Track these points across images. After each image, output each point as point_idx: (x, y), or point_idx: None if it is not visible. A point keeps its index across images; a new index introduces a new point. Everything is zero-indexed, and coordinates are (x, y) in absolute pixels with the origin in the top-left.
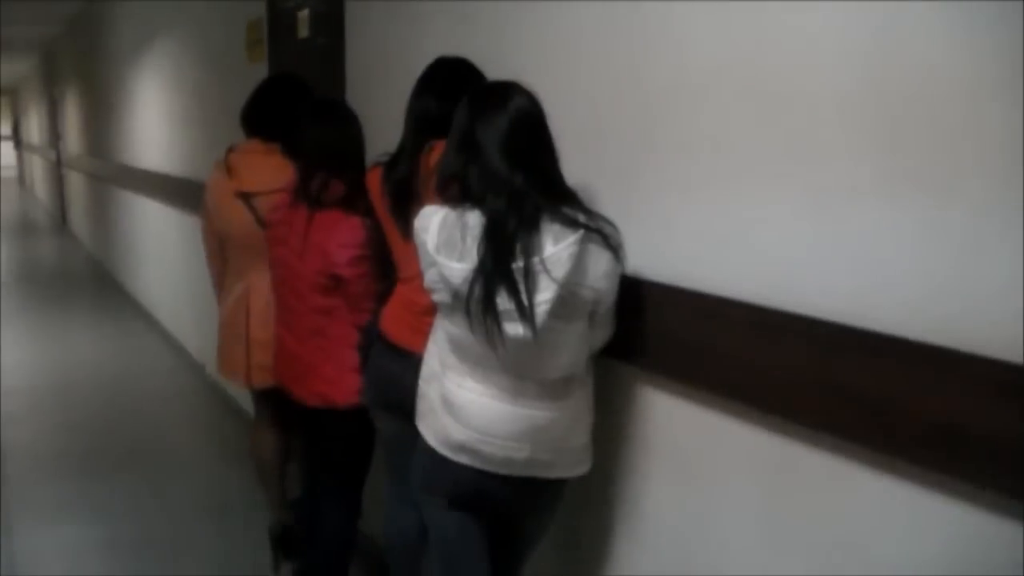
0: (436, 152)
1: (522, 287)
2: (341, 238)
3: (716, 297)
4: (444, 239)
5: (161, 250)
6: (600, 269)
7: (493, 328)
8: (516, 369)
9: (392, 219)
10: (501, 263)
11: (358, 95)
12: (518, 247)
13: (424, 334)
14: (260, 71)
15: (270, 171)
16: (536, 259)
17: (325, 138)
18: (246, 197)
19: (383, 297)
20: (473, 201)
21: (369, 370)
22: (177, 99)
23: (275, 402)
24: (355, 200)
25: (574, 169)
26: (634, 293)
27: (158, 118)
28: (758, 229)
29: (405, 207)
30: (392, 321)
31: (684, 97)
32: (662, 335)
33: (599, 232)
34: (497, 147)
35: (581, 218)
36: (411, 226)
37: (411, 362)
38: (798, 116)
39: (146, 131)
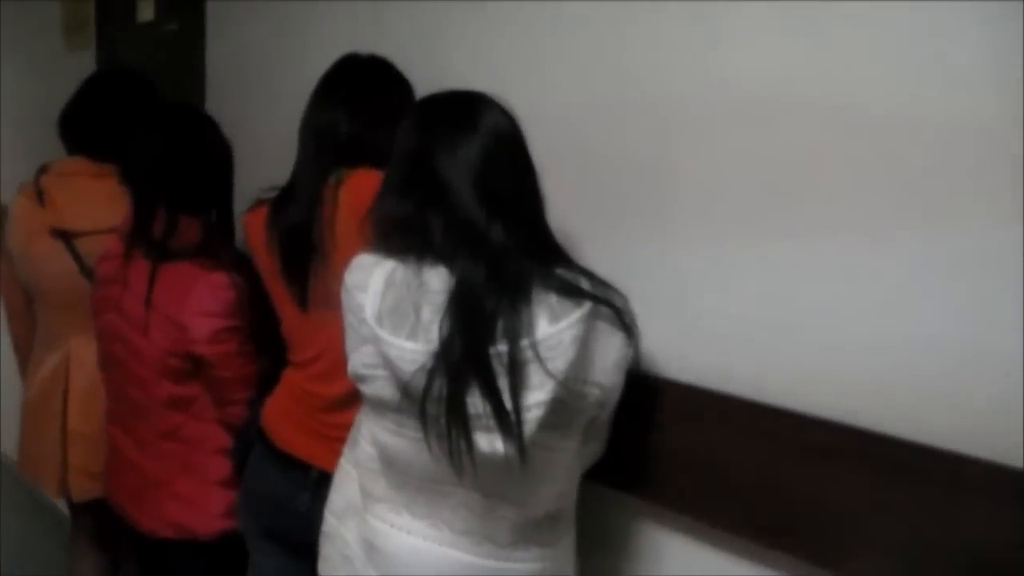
0: (352, 187)
1: (504, 383)
2: (199, 304)
3: (762, 405)
4: (391, 305)
5: None
6: (610, 358)
7: (459, 442)
8: (485, 502)
9: (283, 280)
10: (475, 347)
11: (224, 102)
12: (499, 325)
13: (328, 439)
14: (85, 61)
15: (102, 201)
16: (525, 342)
17: (168, 158)
18: (66, 236)
19: (263, 382)
20: (436, 256)
21: (246, 484)
22: None
23: (102, 517)
24: (217, 247)
25: (553, 215)
26: (639, 394)
27: None
28: (830, 307)
29: (302, 264)
30: (280, 418)
31: (720, 116)
32: (679, 455)
33: (609, 305)
34: (469, 185)
35: (584, 285)
36: (309, 291)
37: (308, 477)
38: (911, 148)
39: None
